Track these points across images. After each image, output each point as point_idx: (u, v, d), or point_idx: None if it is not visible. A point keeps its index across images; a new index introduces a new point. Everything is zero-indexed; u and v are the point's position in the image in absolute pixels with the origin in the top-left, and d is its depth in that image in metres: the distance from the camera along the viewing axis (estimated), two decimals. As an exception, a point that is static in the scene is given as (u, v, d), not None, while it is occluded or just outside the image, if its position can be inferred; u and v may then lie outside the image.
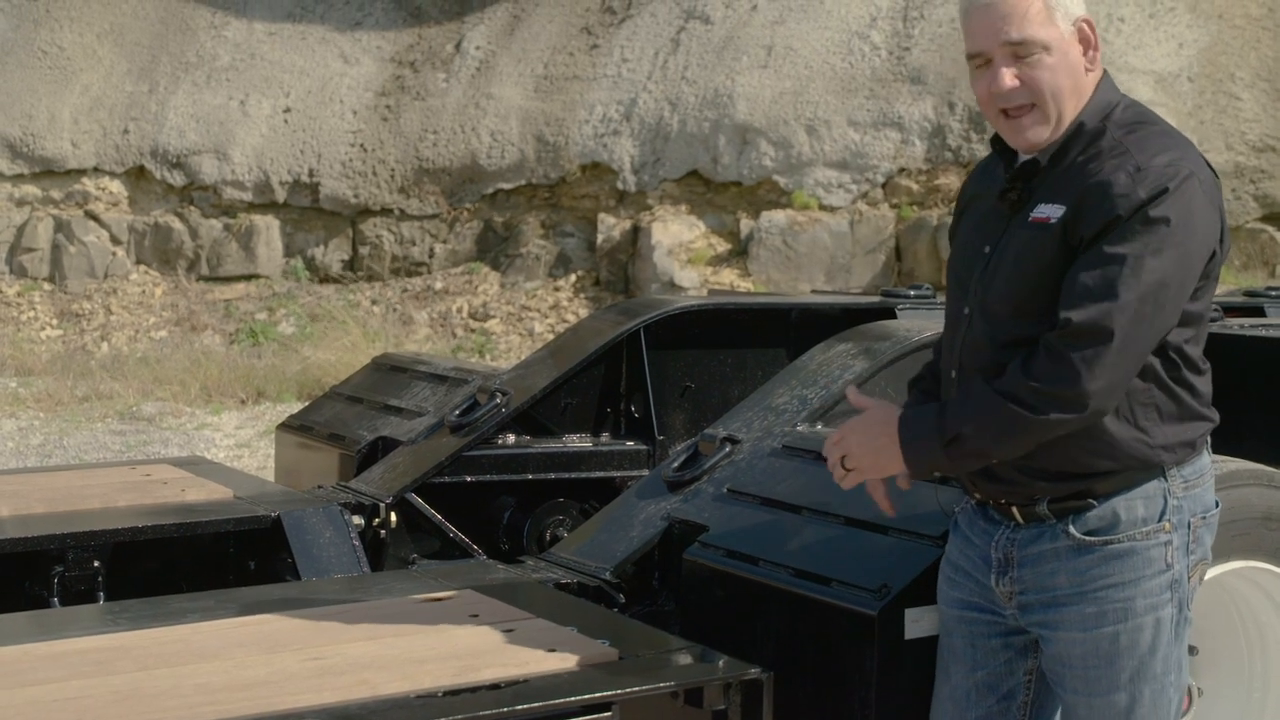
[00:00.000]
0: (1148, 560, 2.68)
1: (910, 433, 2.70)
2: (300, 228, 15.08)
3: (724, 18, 14.43)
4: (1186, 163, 2.59)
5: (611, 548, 3.66)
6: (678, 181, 13.89)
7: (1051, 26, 2.61)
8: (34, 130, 15.35)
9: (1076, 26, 2.64)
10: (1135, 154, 2.58)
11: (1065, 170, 2.65)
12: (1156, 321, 2.55)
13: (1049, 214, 2.62)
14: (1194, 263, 2.59)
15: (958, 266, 2.82)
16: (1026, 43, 2.61)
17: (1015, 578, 2.75)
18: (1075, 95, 2.64)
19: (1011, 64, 2.63)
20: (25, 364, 13.08)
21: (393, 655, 2.79)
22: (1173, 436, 2.68)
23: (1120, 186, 2.55)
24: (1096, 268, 2.53)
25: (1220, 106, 13.07)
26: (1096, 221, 2.55)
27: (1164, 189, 2.53)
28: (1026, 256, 2.64)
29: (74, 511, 3.97)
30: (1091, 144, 2.64)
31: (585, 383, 4.58)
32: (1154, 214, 2.53)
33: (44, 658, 2.79)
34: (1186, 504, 2.71)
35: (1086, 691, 2.71)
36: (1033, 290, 2.63)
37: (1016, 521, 2.75)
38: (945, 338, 2.85)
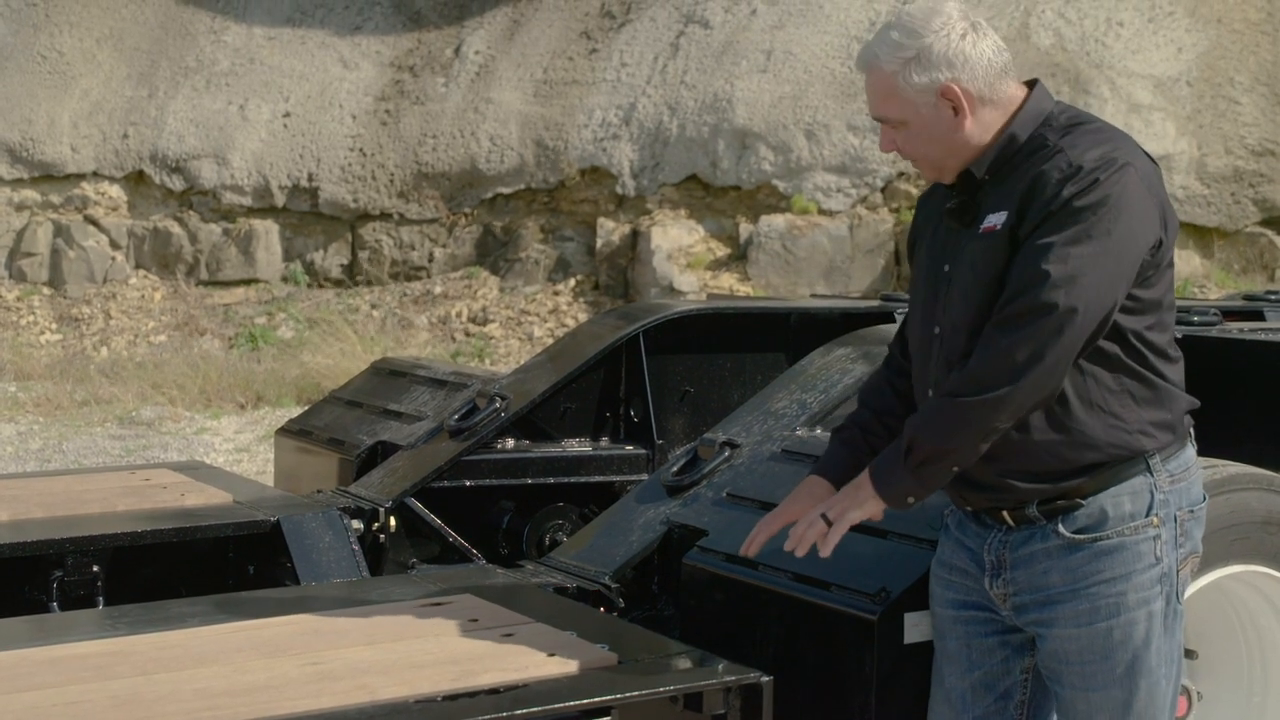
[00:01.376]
0: (1137, 555, 2.72)
1: (879, 462, 2.77)
2: (299, 232, 15.08)
3: (723, 22, 14.43)
4: (1120, 154, 2.65)
5: (611, 552, 3.66)
6: (677, 186, 13.88)
7: (904, 104, 2.72)
8: (33, 135, 15.35)
9: (938, 95, 2.71)
10: (1068, 151, 2.65)
11: (1007, 180, 2.71)
12: (1091, 302, 2.59)
13: (995, 222, 2.69)
14: (1128, 248, 2.63)
15: (922, 291, 2.87)
16: (885, 119, 2.77)
17: (1009, 579, 2.78)
18: (952, 153, 2.75)
19: (887, 130, 2.79)
20: (24, 368, 13.08)
21: (392, 660, 2.79)
22: (1149, 419, 2.72)
23: (1053, 183, 2.62)
24: (1030, 257, 2.61)
25: (1219, 111, 13.07)
26: (1034, 217, 2.63)
27: (1094, 179, 2.61)
28: (981, 266, 2.70)
29: (73, 516, 3.97)
30: (1035, 151, 2.70)
31: (584, 387, 4.58)
32: (1080, 203, 2.60)
33: (43, 663, 2.79)
34: (1173, 498, 2.75)
35: (1084, 687, 2.75)
36: (992, 299, 2.68)
37: (1008, 525, 2.78)
38: (916, 361, 2.89)
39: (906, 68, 2.70)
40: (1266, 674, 3.48)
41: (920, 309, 2.87)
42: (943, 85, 2.70)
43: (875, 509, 2.77)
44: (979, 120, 2.73)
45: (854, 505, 2.77)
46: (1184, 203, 12.89)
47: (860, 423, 2.99)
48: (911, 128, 2.74)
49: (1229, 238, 12.93)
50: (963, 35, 2.70)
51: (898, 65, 2.70)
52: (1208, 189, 12.87)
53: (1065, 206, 2.60)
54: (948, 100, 2.71)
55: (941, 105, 2.71)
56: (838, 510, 2.78)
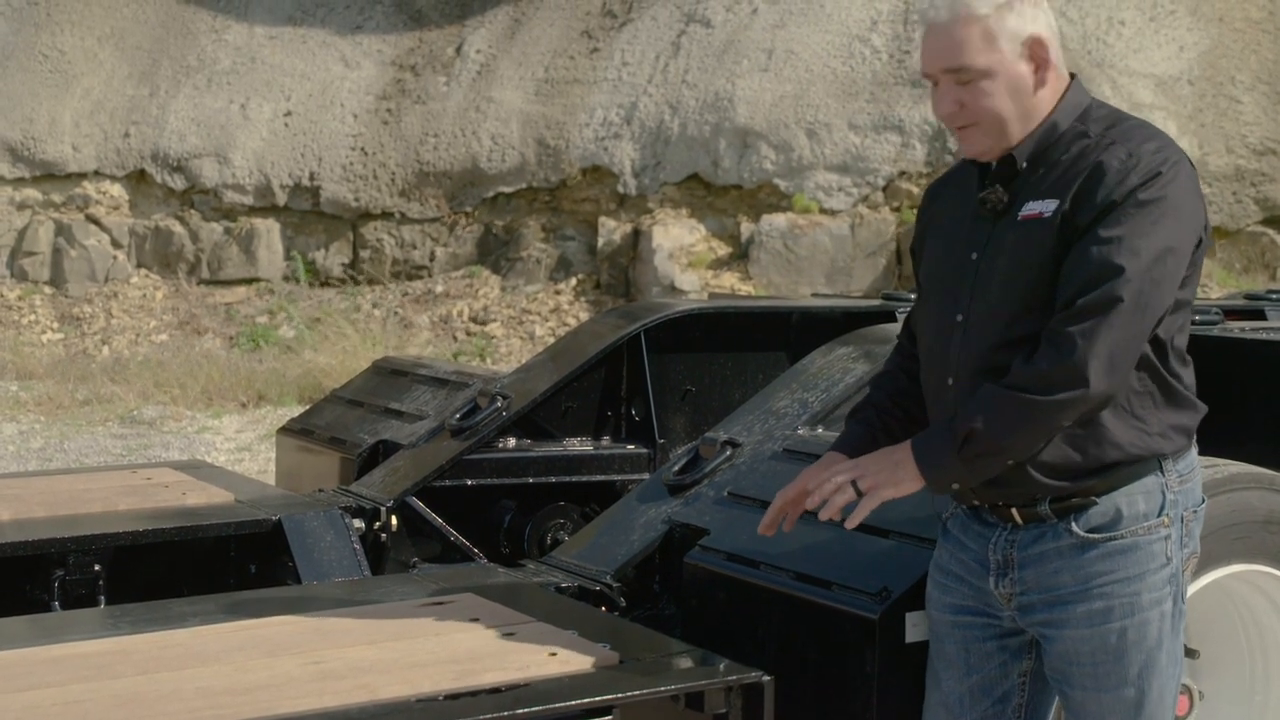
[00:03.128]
0: (1150, 555, 2.70)
1: (924, 444, 2.70)
2: (301, 231, 15.08)
3: (724, 21, 14.43)
4: (1173, 151, 2.64)
5: (612, 551, 3.66)
6: (678, 185, 13.88)
7: (993, 52, 2.63)
8: (35, 134, 15.35)
9: (1026, 46, 2.64)
10: (1124, 143, 2.62)
11: (1050, 169, 2.67)
12: (1154, 299, 2.57)
13: (1041, 209, 2.64)
14: (1186, 243, 2.62)
15: (943, 277, 2.81)
16: (965, 69, 2.65)
17: (1016, 579, 2.75)
18: (1022, 116, 2.68)
19: (952, 88, 2.68)
20: (26, 368, 13.08)
21: (393, 659, 2.79)
22: (1169, 422, 2.71)
23: (1114, 173, 2.58)
24: (1094, 250, 2.56)
25: (1221, 109, 13.07)
26: (1092, 208, 2.58)
27: (1157, 172, 2.58)
28: (1023, 254, 2.65)
29: (75, 515, 3.97)
30: (1074, 141, 2.67)
31: (586, 386, 4.58)
32: (1145, 196, 2.57)
33: (44, 662, 2.79)
34: (1181, 499, 2.75)
35: (1096, 687, 2.72)
36: (1034, 286, 2.64)
37: (1015, 523, 2.75)
38: (932, 349, 2.83)
39: (1001, 12, 2.62)
40: (1268, 673, 3.48)
41: (940, 297, 2.81)
42: (1034, 35, 2.64)
43: (912, 489, 2.71)
44: (1050, 87, 2.68)
45: (890, 484, 2.70)
46: (1185, 202, 12.89)
47: (876, 404, 2.96)
48: (995, 79, 2.64)
49: (1230, 237, 12.93)
50: (1035, 3, 2.66)
51: (993, 9, 2.62)
52: (1209, 188, 12.86)
53: (1130, 198, 2.56)
54: (1035, 57, 2.65)
55: (1025, 59, 2.64)
56: (871, 484, 2.71)
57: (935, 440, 2.68)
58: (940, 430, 2.69)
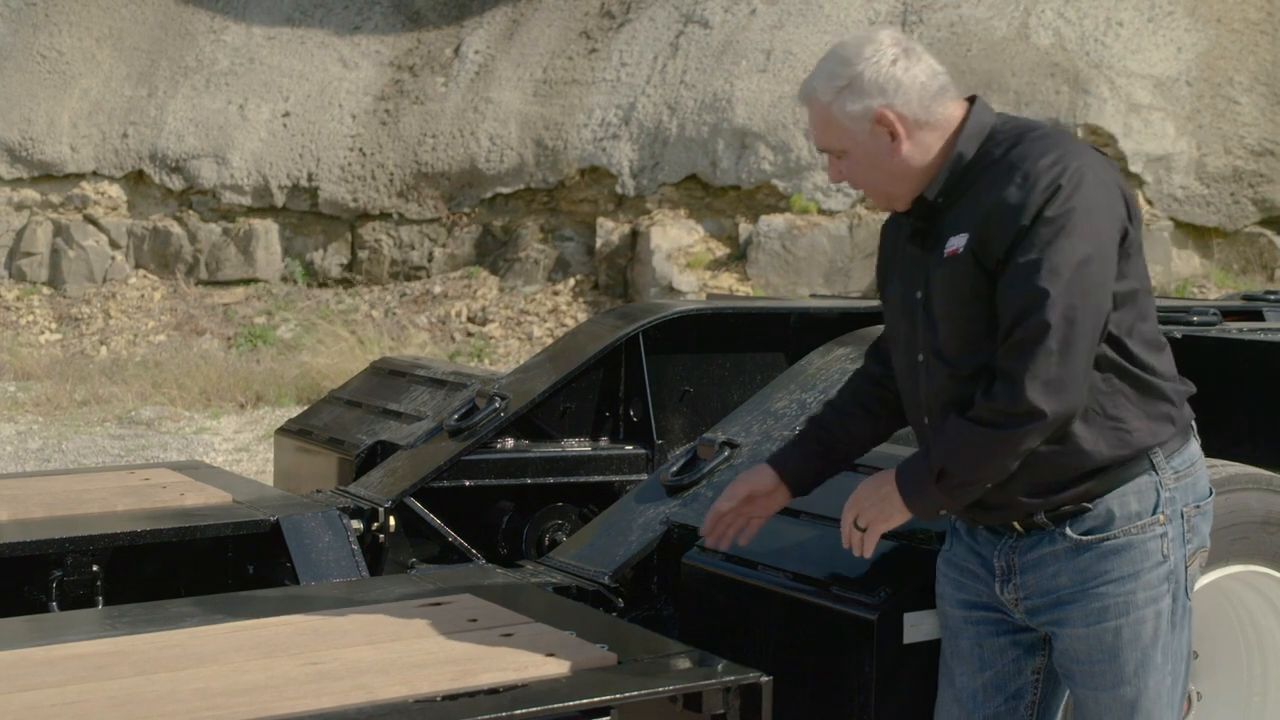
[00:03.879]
0: (1145, 553, 2.73)
1: (906, 477, 2.76)
2: (299, 232, 15.08)
3: (723, 22, 14.43)
4: (1070, 156, 2.66)
5: (610, 552, 3.66)
6: (676, 185, 13.88)
7: (842, 133, 2.76)
8: (33, 134, 15.35)
9: (872, 122, 2.74)
10: (1019, 165, 2.67)
11: (964, 200, 2.73)
12: (1085, 311, 2.60)
13: (956, 245, 2.70)
14: (1106, 244, 2.64)
15: (899, 321, 2.88)
16: (827, 149, 2.81)
17: (1019, 584, 2.80)
18: (891, 177, 2.78)
19: (831, 161, 2.83)
20: (24, 368, 13.08)
21: (391, 660, 2.79)
22: (1147, 414, 2.72)
23: (1015, 199, 2.63)
24: (1017, 279, 2.60)
25: (1219, 110, 13.07)
26: (1003, 239, 2.63)
27: (1056, 186, 2.62)
28: (951, 291, 2.72)
29: (73, 516, 3.97)
30: (983, 169, 2.72)
31: (584, 387, 4.58)
32: (1051, 213, 2.60)
33: (42, 662, 2.79)
34: (1179, 495, 2.76)
35: (1093, 686, 2.76)
36: (969, 321, 2.70)
37: (1017, 531, 2.79)
38: (905, 390, 2.90)
39: (841, 96, 2.74)
40: (1266, 674, 3.48)
41: (900, 339, 2.89)
42: (876, 111, 2.73)
43: (903, 520, 2.81)
44: (917, 143, 2.75)
45: (883, 518, 2.80)
46: (1183, 202, 12.89)
47: (820, 420, 3.10)
48: (852, 156, 2.78)
49: (1228, 238, 12.93)
50: (894, 61, 2.73)
51: (832, 95, 2.74)
52: (1207, 189, 12.87)
53: (1037, 219, 2.60)
54: (883, 126, 2.74)
55: (877, 131, 2.74)
56: (867, 520, 2.82)
57: (915, 475, 2.75)
58: (918, 464, 2.75)
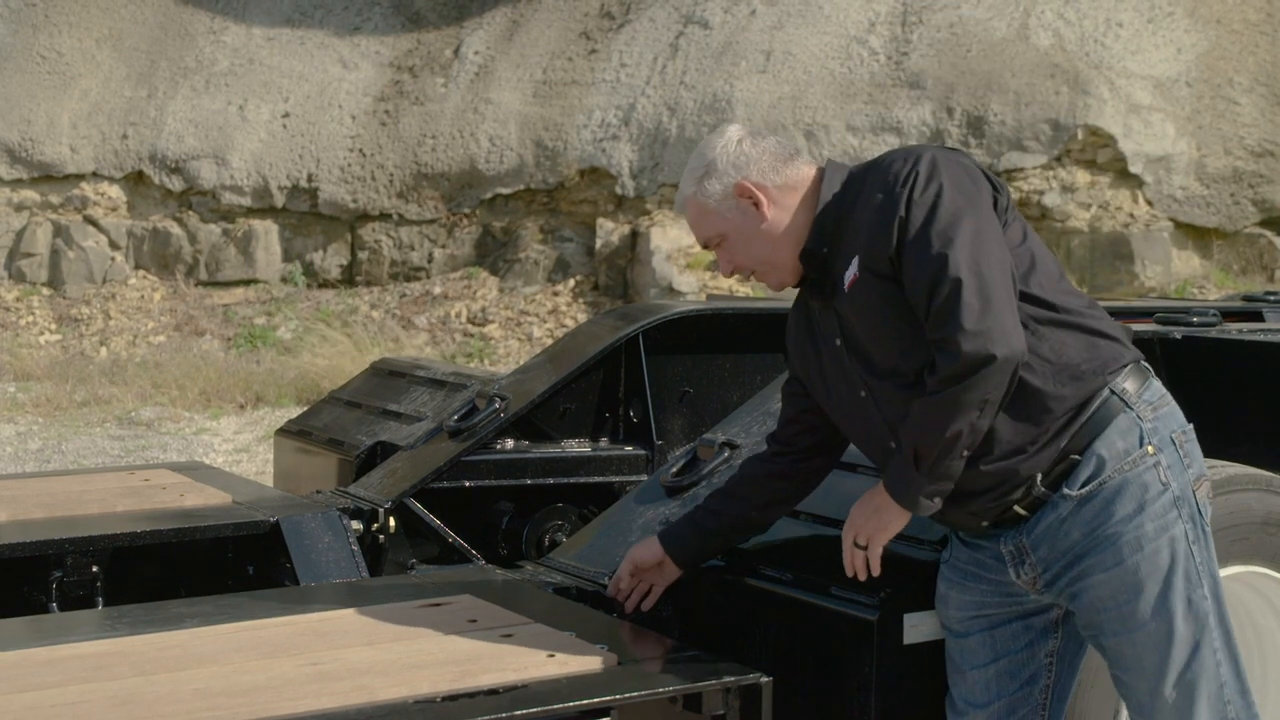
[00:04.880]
0: (1144, 486, 2.77)
1: (892, 480, 2.82)
2: (299, 233, 15.08)
3: (722, 23, 14.43)
4: (915, 150, 2.83)
5: (611, 553, 3.65)
6: (676, 186, 13.87)
7: (714, 218, 2.93)
8: (33, 135, 15.35)
9: (734, 197, 2.90)
10: (873, 177, 2.84)
11: (840, 238, 2.86)
12: (987, 258, 2.69)
13: (853, 273, 2.82)
14: (983, 206, 2.76)
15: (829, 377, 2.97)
16: (708, 239, 2.96)
17: (1034, 562, 2.83)
18: (771, 243, 2.92)
19: (720, 252, 2.98)
20: (24, 369, 13.08)
21: (391, 660, 2.79)
22: (1087, 348, 2.80)
23: (880, 201, 2.78)
24: (915, 261, 2.72)
25: (1218, 111, 13.07)
26: (886, 237, 2.76)
27: (912, 174, 2.76)
28: (865, 313, 2.82)
29: (73, 516, 3.97)
30: (850, 206, 2.86)
31: (584, 388, 4.58)
32: (916, 196, 2.74)
33: (42, 663, 2.79)
34: (1161, 424, 2.81)
35: (1125, 629, 2.78)
36: (894, 330, 2.79)
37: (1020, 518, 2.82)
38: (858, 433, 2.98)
39: (702, 185, 2.92)
40: (1266, 674, 3.48)
41: (837, 392, 2.96)
42: (736, 184, 2.89)
43: (902, 524, 2.87)
44: (781, 206, 2.90)
45: (881, 529, 2.87)
46: (1183, 203, 12.90)
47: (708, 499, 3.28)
48: (730, 238, 2.92)
49: (1228, 238, 12.93)
50: (739, 141, 2.92)
51: (695, 186, 2.93)
52: (1207, 190, 12.87)
53: (908, 206, 2.73)
54: (745, 198, 2.89)
55: (743, 204, 2.90)
56: (866, 536, 2.89)
57: (898, 473, 2.81)
58: (895, 463, 2.81)
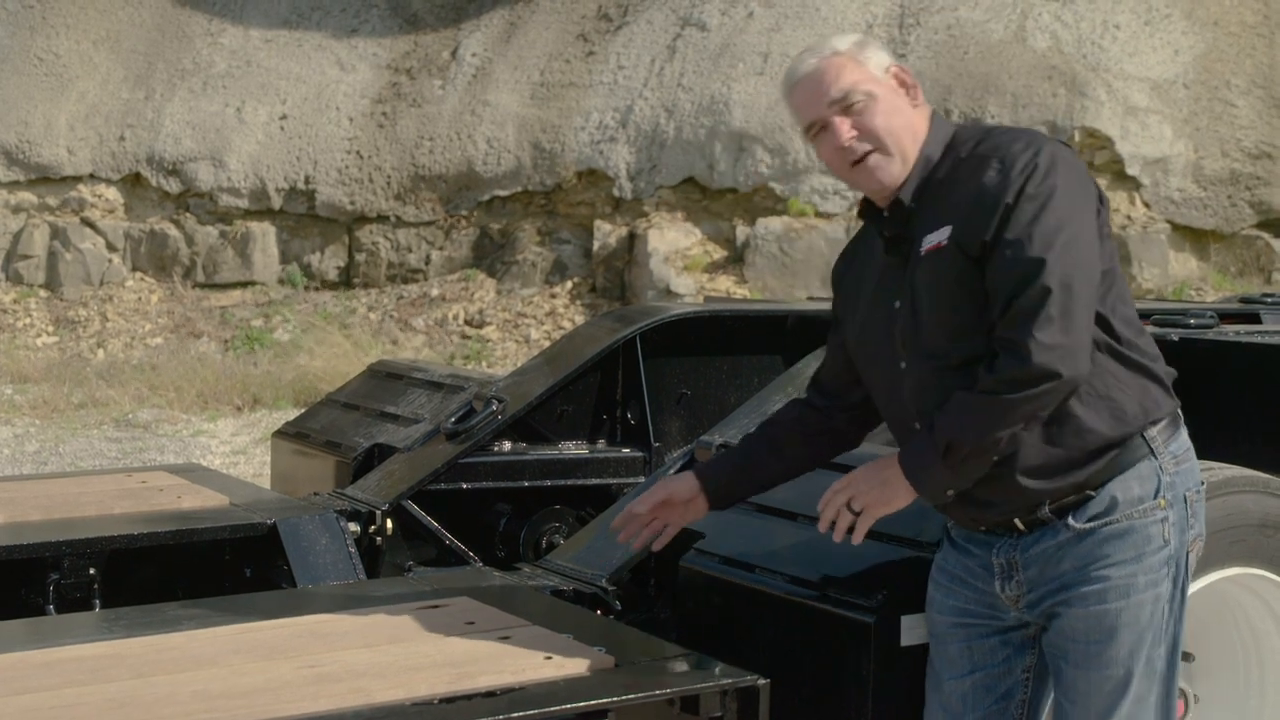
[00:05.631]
0: (1147, 538, 2.74)
1: (911, 458, 2.76)
2: (296, 235, 15.08)
3: (720, 25, 14.44)
4: (1041, 141, 2.74)
5: (608, 555, 3.65)
6: (674, 188, 13.89)
7: (867, 76, 2.80)
8: (30, 137, 15.35)
9: (889, 74, 2.82)
10: (993, 154, 2.73)
11: (936, 199, 2.77)
12: (1079, 277, 2.64)
13: (938, 239, 2.74)
14: (1086, 216, 2.71)
15: (875, 333, 2.90)
16: (850, 93, 2.78)
17: (1021, 580, 2.80)
18: (910, 131, 2.82)
19: (844, 120, 2.79)
20: (21, 371, 13.08)
21: (388, 662, 2.78)
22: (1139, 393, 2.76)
23: (994, 183, 2.69)
24: (1008, 255, 2.65)
25: (1216, 113, 13.08)
26: (988, 221, 2.67)
27: (1034, 166, 2.68)
28: (936, 283, 2.75)
29: (70, 519, 3.97)
30: (949, 167, 2.78)
31: (581, 390, 4.58)
32: (1032, 190, 2.66)
33: (39, 665, 2.78)
34: (1179, 480, 2.79)
35: (1086, 666, 2.77)
36: (958, 311, 2.73)
37: (1018, 531, 2.79)
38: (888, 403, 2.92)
39: (860, 49, 2.82)
40: (1263, 676, 3.48)
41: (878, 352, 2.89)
42: (894, 66, 2.84)
43: (904, 504, 2.80)
44: (920, 113, 2.84)
45: (883, 502, 2.79)
46: (1180, 205, 12.90)
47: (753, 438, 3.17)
48: (877, 101, 2.78)
49: (1225, 240, 12.94)
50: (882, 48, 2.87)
51: (852, 47, 2.82)
52: (1204, 192, 12.88)
53: (1019, 197, 2.66)
54: (899, 81, 2.82)
55: (894, 85, 2.81)
56: (863, 504, 2.80)
57: (920, 454, 2.74)
58: (923, 443, 2.74)
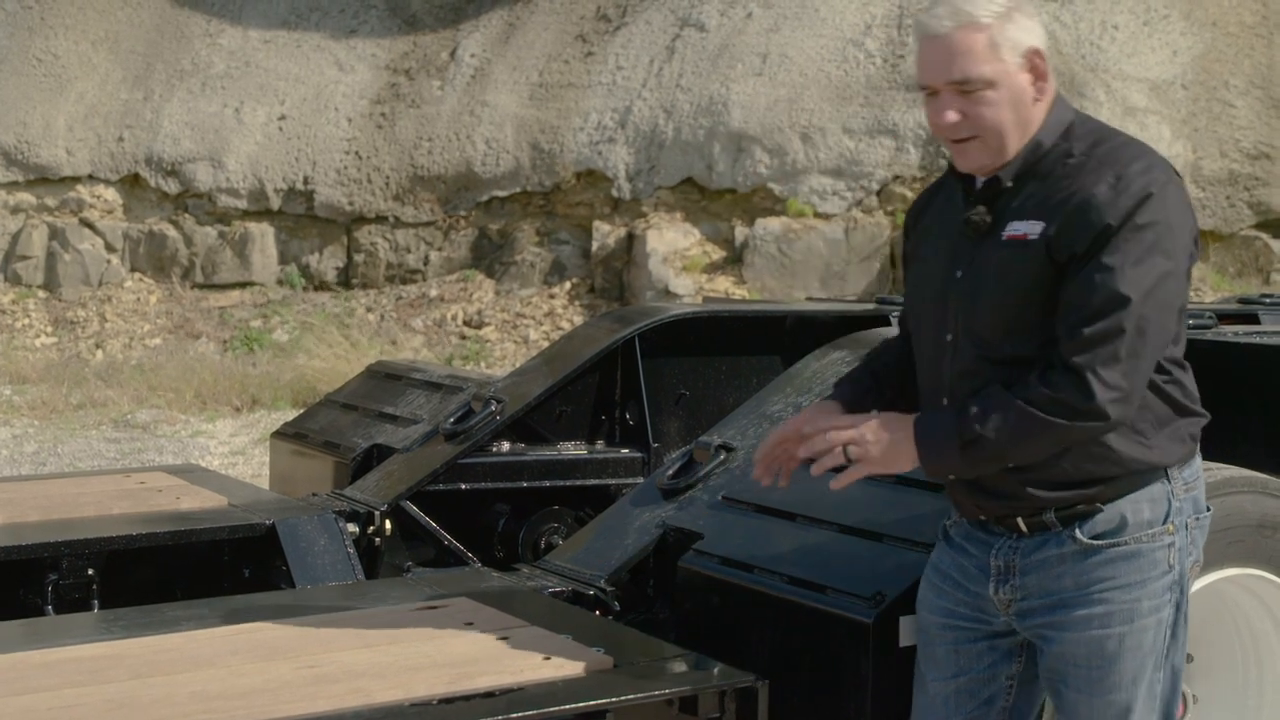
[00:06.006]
0: (1153, 562, 2.70)
1: (927, 431, 2.67)
2: (295, 235, 15.08)
3: (719, 25, 14.44)
4: (1161, 169, 2.63)
5: (606, 555, 3.66)
6: (672, 189, 13.89)
7: (996, 62, 2.62)
8: (29, 138, 15.34)
9: (1025, 58, 2.65)
10: (1110, 166, 2.62)
11: (1035, 189, 2.67)
12: (1157, 325, 2.58)
13: (1026, 230, 2.64)
14: (1182, 263, 2.63)
15: (926, 294, 2.82)
16: (970, 80, 2.63)
17: (1017, 585, 2.75)
18: (1019, 126, 2.67)
19: (955, 99, 2.65)
20: (20, 371, 13.07)
21: (387, 663, 2.79)
22: (1170, 436, 2.71)
23: (1104, 198, 2.58)
24: (1096, 279, 2.56)
25: (1214, 114, 13.08)
26: (1086, 235, 2.58)
27: (1148, 194, 2.58)
28: (1009, 275, 2.66)
29: (68, 519, 3.97)
30: (1058, 160, 2.67)
31: (580, 390, 4.58)
32: (1141, 220, 2.56)
33: (38, 666, 2.79)
34: (1186, 506, 2.75)
35: (1089, 691, 2.73)
36: (1020, 308, 2.65)
37: (1020, 531, 2.75)
38: (927, 367, 2.83)
39: (1003, 21, 2.61)
40: (1262, 677, 3.48)
41: (928, 315, 2.82)
42: (1033, 47, 2.64)
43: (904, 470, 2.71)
44: (1044, 102, 2.70)
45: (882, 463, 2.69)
46: (1179, 206, 12.90)
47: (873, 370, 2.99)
48: (998, 89, 2.63)
49: (1224, 241, 12.94)
50: (1034, 13, 2.66)
51: (995, 18, 2.61)
52: (1203, 192, 12.88)
53: (1125, 223, 2.55)
54: (1033, 66, 2.65)
55: (1025, 70, 2.64)
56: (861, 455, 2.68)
57: (939, 432, 2.66)
58: (946, 422, 2.66)
